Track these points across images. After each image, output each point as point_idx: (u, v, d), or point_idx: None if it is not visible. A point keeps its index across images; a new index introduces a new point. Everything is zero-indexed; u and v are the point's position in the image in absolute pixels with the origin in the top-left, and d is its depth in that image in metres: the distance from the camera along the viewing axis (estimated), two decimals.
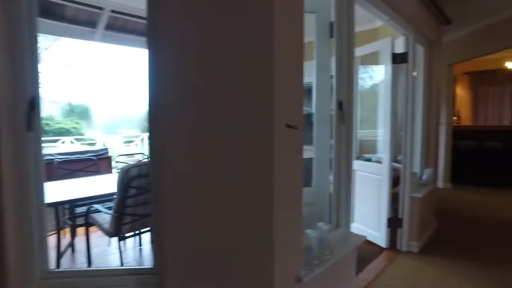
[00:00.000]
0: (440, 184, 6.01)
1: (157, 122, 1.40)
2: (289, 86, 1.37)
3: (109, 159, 5.40)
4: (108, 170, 4.93)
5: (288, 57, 1.35)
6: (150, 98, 1.39)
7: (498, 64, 7.45)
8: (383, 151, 3.22)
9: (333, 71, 1.98)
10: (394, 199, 3.27)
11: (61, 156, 5.40)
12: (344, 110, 1.95)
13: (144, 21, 4.87)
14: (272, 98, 1.27)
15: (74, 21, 4.94)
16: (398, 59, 3.05)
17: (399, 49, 3.10)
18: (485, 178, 6.09)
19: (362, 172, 3.54)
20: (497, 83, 7.85)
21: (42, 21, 4.72)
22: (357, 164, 3.62)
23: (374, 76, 3.86)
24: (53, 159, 4.19)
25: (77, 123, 19.08)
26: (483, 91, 8.10)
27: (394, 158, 3.54)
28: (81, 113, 21.63)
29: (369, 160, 3.73)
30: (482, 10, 4.58)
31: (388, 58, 3.08)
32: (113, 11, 4.76)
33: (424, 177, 3.48)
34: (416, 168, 3.63)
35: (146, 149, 10.28)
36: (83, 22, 4.95)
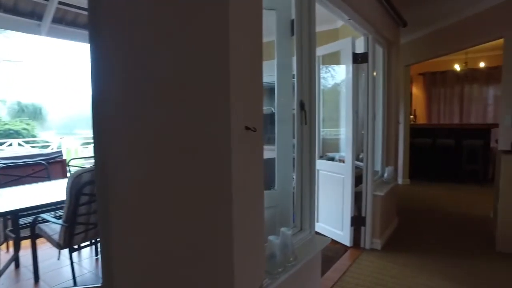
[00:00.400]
0: (400, 180, 6.24)
1: (101, 123, 1.26)
2: (247, 86, 1.28)
3: (63, 163, 5.02)
4: (62, 175, 4.57)
5: (245, 55, 1.26)
6: (93, 97, 1.24)
7: (448, 66, 7.90)
8: (346, 150, 3.24)
9: (294, 70, 1.92)
10: (358, 197, 3.31)
11: (5, 161, 4.97)
12: (305, 110, 1.90)
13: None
14: (228, 99, 1.18)
15: (16, 12, 4.51)
16: (358, 59, 3.08)
17: (360, 49, 3.13)
18: (440, 173, 6.42)
19: (325, 171, 3.55)
20: (448, 84, 8.32)
21: None
22: (320, 164, 3.63)
23: (337, 75, 3.89)
24: None
25: (28, 123, 17.78)
26: (436, 91, 8.55)
27: (357, 157, 3.60)
28: (32, 113, 20.20)
29: (332, 158, 3.76)
30: (433, 15, 4.80)
31: (349, 57, 3.09)
32: (60, 3, 4.35)
33: (386, 175, 3.56)
34: (378, 167, 3.71)
35: None
36: (27, 13, 4.52)
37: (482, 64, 7.50)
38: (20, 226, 2.88)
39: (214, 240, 1.26)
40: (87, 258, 3.32)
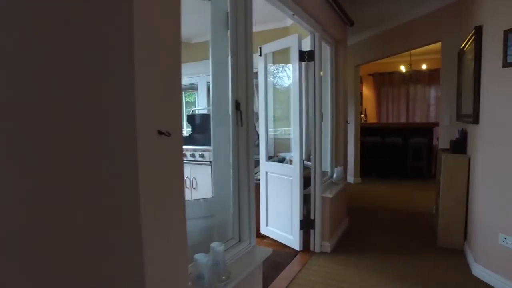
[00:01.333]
0: (351, 179, 6.34)
1: None
2: (160, 85, 1.08)
3: None
4: None
5: (156, 52, 1.06)
6: None
7: (395, 67, 8.23)
8: (293, 151, 3.13)
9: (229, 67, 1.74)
10: (307, 200, 3.22)
11: None
12: (241, 110, 1.73)
13: None
14: (133, 101, 0.97)
15: None
16: (305, 57, 2.98)
17: (308, 47, 3.04)
18: (389, 170, 6.63)
19: (274, 173, 3.43)
20: (395, 84, 8.67)
21: None
22: (268, 166, 3.50)
23: (290, 74, 3.79)
24: None
25: None
26: (384, 91, 8.87)
27: (308, 157, 3.52)
28: None
29: (283, 159, 3.65)
30: (380, 17, 4.90)
31: (295, 55, 2.99)
32: None
33: (335, 176, 3.51)
34: (327, 167, 3.66)
35: None
36: None
37: (424, 66, 7.89)
38: None
39: (121, 267, 1.04)
40: None
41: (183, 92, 6.36)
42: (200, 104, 6.24)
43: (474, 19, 2.91)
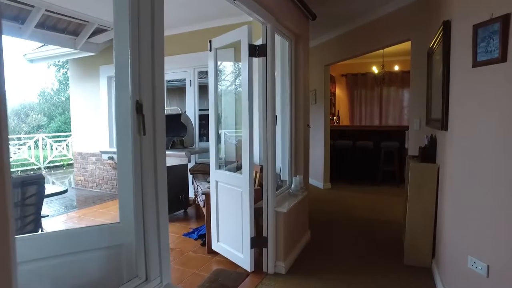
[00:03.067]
0: (320, 184, 6.03)
1: None
2: None
3: None
4: None
5: None
6: None
7: (368, 68, 8.01)
8: (243, 159, 2.75)
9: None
10: (260, 214, 2.84)
11: None
12: (144, 114, 1.31)
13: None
14: None
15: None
16: (256, 51, 2.60)
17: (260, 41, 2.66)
18: (360, 175, 6.37)
19: (224, 183, 3.03)
20: (368, 86, 8.46)
21: None
22: (218, 175, 3.10)
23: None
24: None
25: None
26: (357, 92, 8.65)
27: None
28: None
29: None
30: (348, 14, 4.60)
31: (245, 50, 2.60)
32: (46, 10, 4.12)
33: (293, 186, 3.15)
34: (285, 176, 3.30)
35: None
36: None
37: (397, 68, 7.71)
38: None
39: None
40: None
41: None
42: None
43: (443, 14, 2.62)
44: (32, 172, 8.95)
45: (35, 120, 14.55)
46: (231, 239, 2.98)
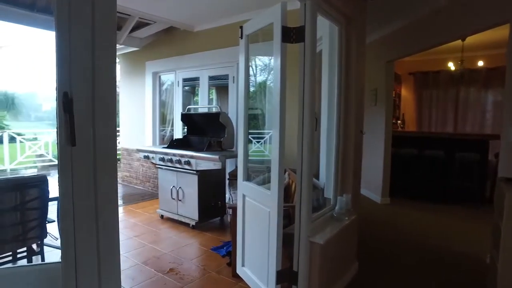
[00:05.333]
0: (377, 198, 5.21)
1: None
2: None
3: None
4: None
5: None
6: None
7: (442, 65, 6.84)
8: (272, 170, 2.19)
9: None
10: (290, 241, 2.26)
11: None
12: (76, 114, 0.84)
13: None
14: None
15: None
16: (291, 35, 2.03)
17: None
18: (426, 191, 5.38)
19: (251, 199, 2.51)
20: (441, 86, 7.27)
21: None
22: (245, 187, 2.59)
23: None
24: None
25: None
26: (427, 94, 7.50)
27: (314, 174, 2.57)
28: (3, 102, 19.07)
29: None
30: None
31: (277, 34, 2.04)
32: None
33: (337, 207, 2.51)
34: (329, 193, 2.67)
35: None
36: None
37: (480, 64, 6.46)
38: None
39: None
40: None
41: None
42: (200, 101, 5.44)
43: None
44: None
45: None
46: (256, 267, 2.45)
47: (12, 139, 8.29)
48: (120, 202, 5.56)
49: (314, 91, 2.06)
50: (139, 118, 6.26)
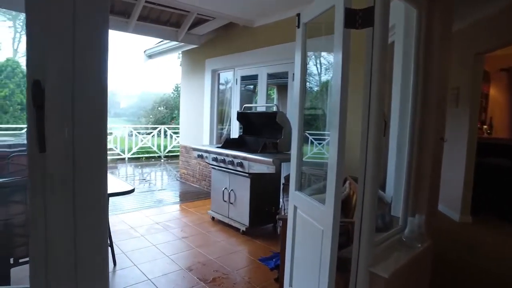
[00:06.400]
0: (456, 216, 4.47)
1: None
2: None
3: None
4: None
5: None
6: None
7: None
8: (328, 180, 1.84)
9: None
10: (348, 266, 1.89)
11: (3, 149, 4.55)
12: (48, 108, 0.62)
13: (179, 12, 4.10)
14: None
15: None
16: (356, 19, 1.65)
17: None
18: None
19: (303, 212, 2.18)
20: None
21: None
22: (297, 198, 2.27)
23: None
24: None
25: None
26: None
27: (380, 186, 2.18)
28: None
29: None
30: None
31: (339, 18, 1.68)
32: (147, 1, 4.15)
33: (407, 230, 2.06)
34: (398, 211, 2.22)
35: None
36: (120, 12, 4.38)
37: None
38: None
39: None
40: None
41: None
42: (259, 100, 5.21)
43: None
44: (153, 160, 9.79)
45: (160, 112, 16.35)
46: None
47: None
48: (177, 199, 5.61)
49: (383, 88, 1.67)
50: (197, 116, 6.28)
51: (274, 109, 4.96)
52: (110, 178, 3.26)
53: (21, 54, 22.03)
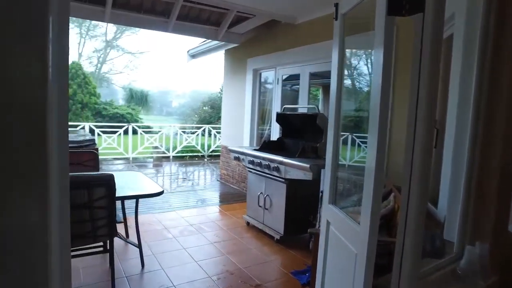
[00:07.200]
0: None
1: None
2: None
3: (91, 153, 4.39)
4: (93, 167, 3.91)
5: None
6: None
7: None
8: (364, 193, 1.56)
9: None
10: None
11: None
12: None
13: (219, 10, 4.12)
14: None
15: (151, 11, 4.56)
16: (402, 3, 1.36)
17: None
18: None
19: (335, 229, 1.92)
20: None
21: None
22: (330, 212, 2.01)
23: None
24: None
25: (133, 109, 19.50)
26: None
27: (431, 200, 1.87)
28: (139, 99, 22.32)
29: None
30: None
31: (381, 4, 1.40)
32: (185, 0, 4.25)
33: (463, 260, 1.70)
34: (452, 235, 1.86)
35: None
36: (159, 12, 4.51)
37: None
38: None
39: None
40: None
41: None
42: (300, 100, 4.96)
43: None
44: (196, 159, 9.91)
45: (204, 112, 16.65)
46: None
47: (134, 132, 9.40)
48: (214, 201, 5.56)
49: (434, 91, 1.35)
50: (238, 116, 6.18)
51: (320, 110, 4.67)
52: (143, 178, 3.24)
53: (84, 58, 24.07)
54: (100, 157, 8.52)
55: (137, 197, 2.83)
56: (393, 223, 2.42)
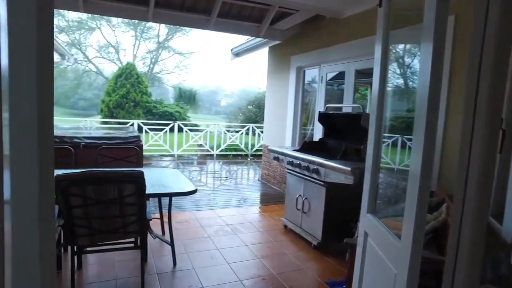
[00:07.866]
0: None
1: None
2: None
3: (135, 149, 4.56)
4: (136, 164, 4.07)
5: None
6: None
7: None
8: (406, 206, 1.34)
9: None
10: None
11: (87, 141, 5.27)
12: None
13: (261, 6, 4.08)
14: None
15: (191, 9, 4.69)
16: None
17: None
18: None
19: (373, 242, 1.70)
20: None
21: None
22: (369, 223, 1.79)
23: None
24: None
25: (181, 107, 20.16)
26: None
27: (494, 212, 1.59)
28: (188, 98, 23.05)
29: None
30: None
31: None
32: None
33: None
34: None
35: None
36: (200, 10, 4.65)
37: None
38: None
39: None
40: None
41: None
42: (345, 99, 4.67)
43: None
44: (239, 158, 9.93)
45: (249, 111, 16.64)
46: None
47: (180, 129, 9.65)
48: (253, 201, 5.46)
49: (500, 87, 1.10)
50: (281, 115, 6.03)
51: (355, 110, 4.37)
52: (179, 176, 3.23)
53: (138, 59, 25.50)
54: (147, 153, 8.90)
55: (169, 195, 2.82)
56: (444, 238, 2.13)
